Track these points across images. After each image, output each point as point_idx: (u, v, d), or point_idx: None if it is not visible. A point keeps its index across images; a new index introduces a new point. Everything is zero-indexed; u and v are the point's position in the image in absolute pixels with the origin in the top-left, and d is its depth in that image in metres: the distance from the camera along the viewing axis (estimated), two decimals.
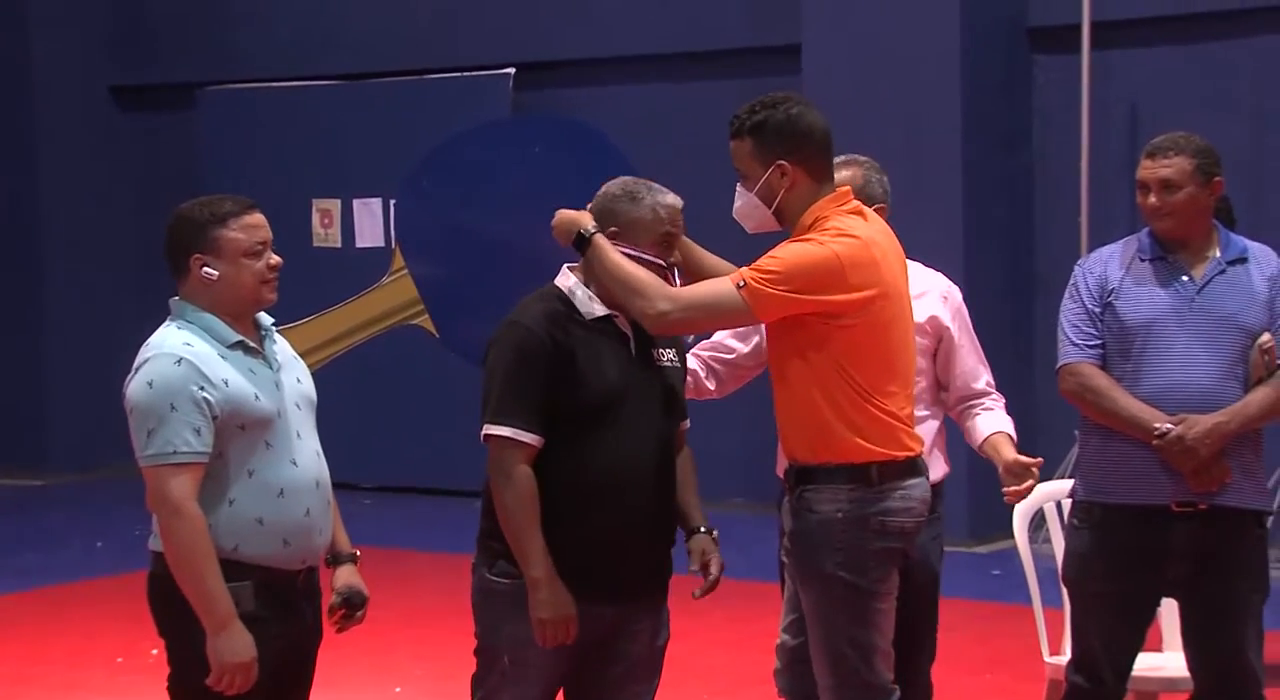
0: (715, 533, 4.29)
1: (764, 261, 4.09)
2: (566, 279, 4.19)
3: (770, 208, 4.19)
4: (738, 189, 4.24)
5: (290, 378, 4.04)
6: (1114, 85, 9.50)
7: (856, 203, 4.28)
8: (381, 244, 11.73)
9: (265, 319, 4.08)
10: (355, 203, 11.80)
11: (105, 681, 7.01)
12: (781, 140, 4.15)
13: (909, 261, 4.76)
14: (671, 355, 4.28)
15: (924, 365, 4.79)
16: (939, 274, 4.97)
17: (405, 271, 11.70)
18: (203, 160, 12.13)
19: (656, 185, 4.21)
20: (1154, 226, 4.61)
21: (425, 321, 11.66)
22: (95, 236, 12.60)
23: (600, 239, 4.10)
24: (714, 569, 4.22)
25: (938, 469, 4.79)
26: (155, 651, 4.15)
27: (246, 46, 12.32)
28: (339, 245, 11.84)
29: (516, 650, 4.10)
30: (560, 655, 4.11)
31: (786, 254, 4.09)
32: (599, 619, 4.10)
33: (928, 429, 4.78)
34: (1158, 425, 4.44)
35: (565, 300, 4.15)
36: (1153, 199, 4.56)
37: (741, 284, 4.06)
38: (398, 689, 6.84)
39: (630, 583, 4.15)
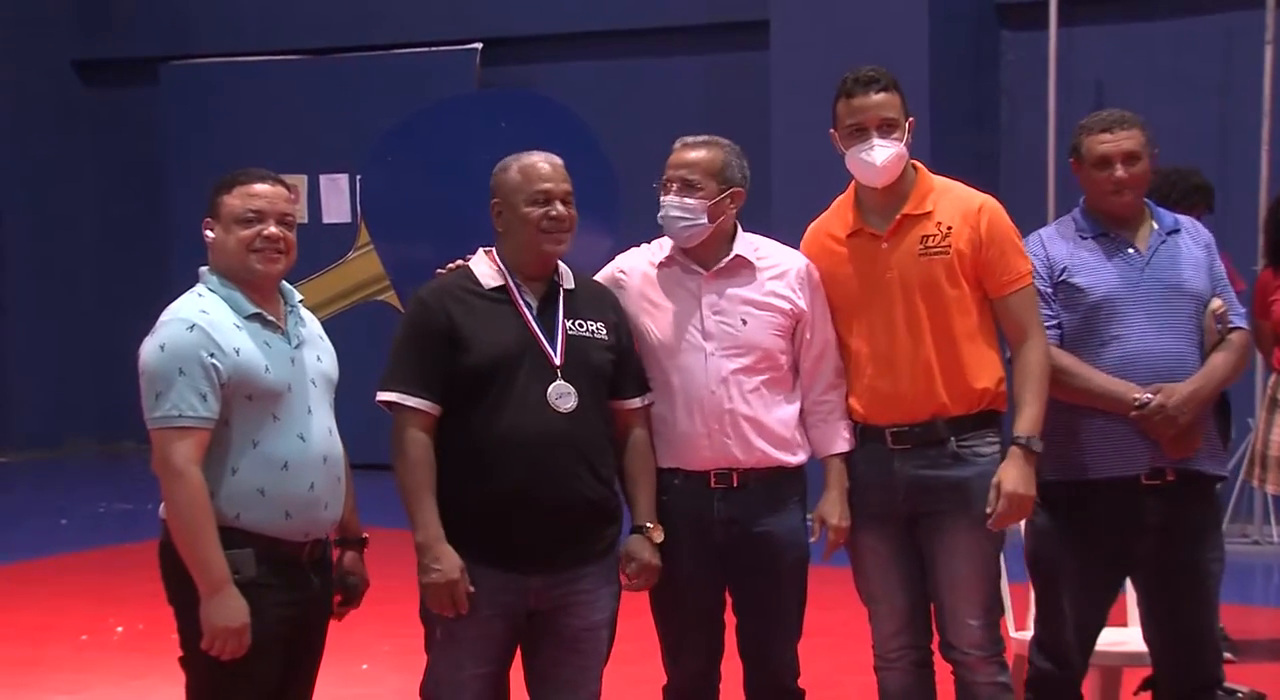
0: (656, 532, 4.26)
1: (1017, 256, 4.43)
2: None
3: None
4: (880, 142, 4.43)
5: (311, 355, 4.04)
6: (1081, 62, 9.51)
7: None
8: (348, 220, 11.69)
9: (293, 295, 4.07)
10: (321, 178, 11.76)
11: (69, 658, 6.95)
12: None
13: None
14: (596, 328, 4.23)
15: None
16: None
17: (371, 247, 11.66)
18: (166, 135, 12.05)
19: (532, 151, 4.23)
20: (1116, 202, 4.56)
21: (391, 297, 11.62)
22: (56, 211, 12.47)
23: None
24: (632, 572, 4.24)
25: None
26: (120, 629, 4.14)
27: (211, 21, 12.25)
28: (305, 221, 11.79)
29: (445, 621, 4.13)
30: (491, 627, 4.11)
31: (1013, 234, 4.45)
32: (523, 587, 4.09)
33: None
34: (1136, 396, 4.43)
35: (467, 272, 4.23)
36: (1120, 172, 4.54)
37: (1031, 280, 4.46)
38: (364, 666, 6.83)
39: (541, 552, 4.09)
